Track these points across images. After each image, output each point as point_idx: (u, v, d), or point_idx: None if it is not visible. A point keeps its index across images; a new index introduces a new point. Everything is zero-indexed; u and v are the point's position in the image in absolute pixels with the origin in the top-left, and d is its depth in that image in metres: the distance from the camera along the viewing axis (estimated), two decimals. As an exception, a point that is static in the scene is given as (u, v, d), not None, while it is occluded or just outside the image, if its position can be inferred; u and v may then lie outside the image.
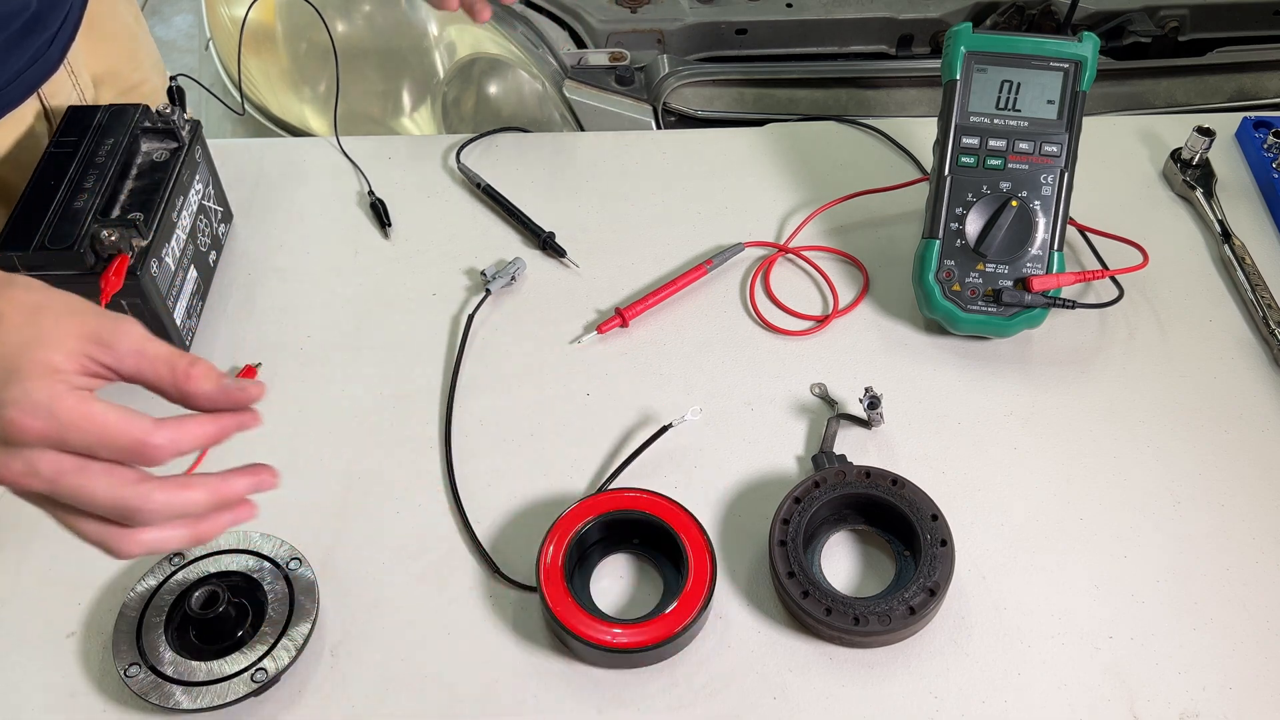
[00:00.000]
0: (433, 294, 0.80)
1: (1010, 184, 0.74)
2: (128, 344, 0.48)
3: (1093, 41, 0.74)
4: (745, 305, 0.79)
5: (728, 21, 1.17)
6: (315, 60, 1.22)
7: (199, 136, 0.78)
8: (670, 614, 0.59)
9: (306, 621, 0.60)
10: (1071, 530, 0.66)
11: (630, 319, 0.77)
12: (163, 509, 0.47)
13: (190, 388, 0.48)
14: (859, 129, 0.94)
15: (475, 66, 1.20)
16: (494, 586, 0.64)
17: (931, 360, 0.76)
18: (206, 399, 0.49)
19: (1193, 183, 0.86)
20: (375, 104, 1.22)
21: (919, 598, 0.59)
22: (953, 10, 1.19)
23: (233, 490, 0.50)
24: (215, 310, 0.79)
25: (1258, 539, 0.65)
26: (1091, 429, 0.71)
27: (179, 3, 2.82)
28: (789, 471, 0.69)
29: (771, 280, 0.81)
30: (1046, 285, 0.73)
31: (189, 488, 0.48)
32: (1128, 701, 0.58)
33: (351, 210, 0.87)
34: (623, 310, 0.77)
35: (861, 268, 0.81)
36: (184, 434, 0.48)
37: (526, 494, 0.68)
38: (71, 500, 0.47)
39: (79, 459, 0.46)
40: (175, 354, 0.48)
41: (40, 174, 0.71)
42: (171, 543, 0.49)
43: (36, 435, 0.45)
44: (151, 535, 0.48)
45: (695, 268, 0.80)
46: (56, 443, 0.45)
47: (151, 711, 0.58)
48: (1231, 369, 0.75)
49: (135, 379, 0.49)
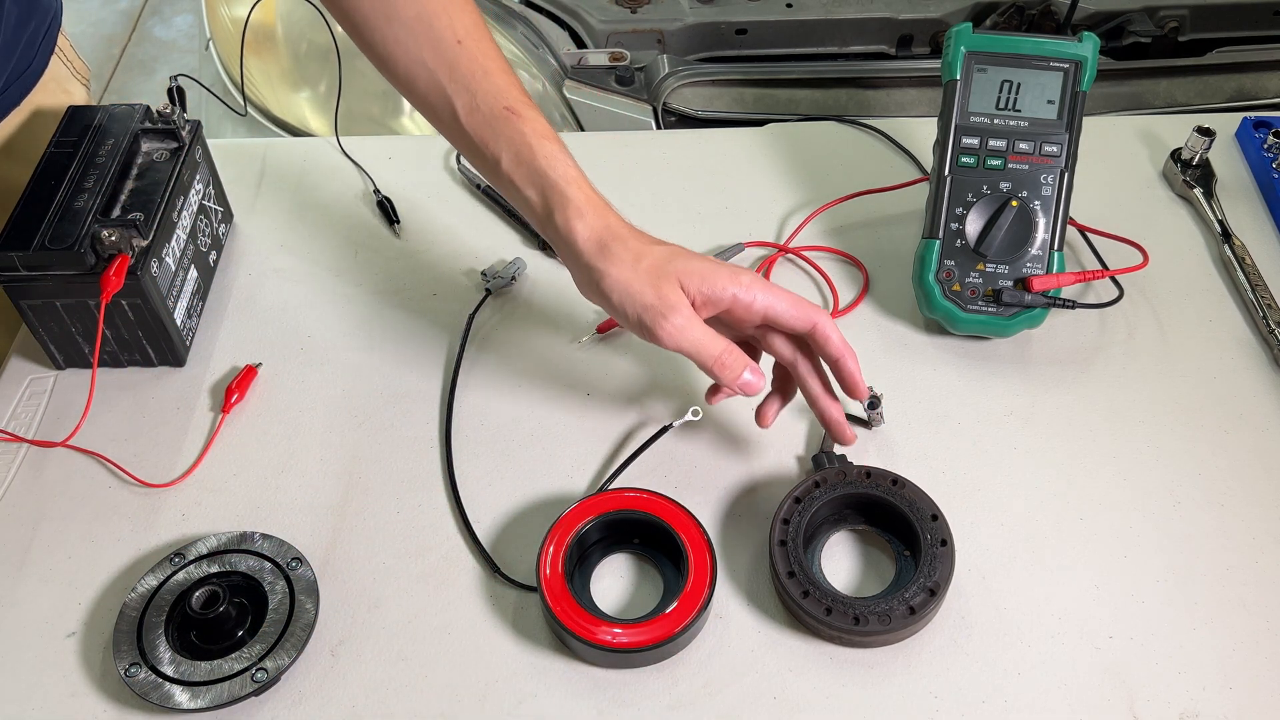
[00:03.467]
0: (433, 294, 0.80)
1: (1010, 184, 0.74)
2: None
3: (1093, 41, 0.74)
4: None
5: (728, 21, 1.17)
6: (315, 60, 1.22)
7: (199, 136, 0.78)
8: (670, 614, 0.59)
9: (306, 621, 0.60)
10: (1071, 530, 0.66)
11: None
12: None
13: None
14: (859, 129, 0.94)
15: (475, 66, 1.20)
16: (494, 586, 0.64)
17: (931, 360, 0.76)
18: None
19: (1193, 183, 0.86)
20: (375, 104, 1.22)
21: (919, 598, 0.59)
22: (953, 10, 1.19)
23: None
24: (215, 310, 0.79)
25: (1258, 539, 0.65)
26: (1091, 429, 0.71)
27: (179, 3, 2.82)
28: (789, 471, 0.69)
29: (772, 280, 0.80)
30: (1046, 285, 0.73)
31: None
32: (1128, 701, 0.58)
33: (352, 210, 0.87)
34: (623, 310, 0.77)
35: (861, 268, 0.81)
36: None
37: (526, 494, 0.68)
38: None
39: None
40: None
41: (40, 174, 0.71)
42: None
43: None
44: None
45: (695, 268, 0.80)
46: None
47: (151, 711, 0.58)
48: (1231, 369, 0.75)
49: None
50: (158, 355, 0.74)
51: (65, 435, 0.71)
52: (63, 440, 0.70)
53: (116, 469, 0.69)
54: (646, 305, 0.60)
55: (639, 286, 0.60)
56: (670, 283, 0.61)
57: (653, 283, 0.61)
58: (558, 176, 0.63)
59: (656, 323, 0.60)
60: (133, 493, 0.68)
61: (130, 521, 0.67)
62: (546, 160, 0.63)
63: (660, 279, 0.61)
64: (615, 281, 0.61)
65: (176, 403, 0.73)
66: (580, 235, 0.62)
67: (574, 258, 0.63)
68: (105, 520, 0.67)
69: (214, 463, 0.70)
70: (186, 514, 0.67)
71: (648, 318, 0.60)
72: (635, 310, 0.61)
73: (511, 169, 0.64)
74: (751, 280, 0.62)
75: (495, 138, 0.64)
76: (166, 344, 0.73)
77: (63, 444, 0.70)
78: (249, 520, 0.67)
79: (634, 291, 0.61)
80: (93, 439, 0.71)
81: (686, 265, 0.61)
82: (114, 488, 0.69)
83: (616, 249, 0.61)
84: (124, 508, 0.67)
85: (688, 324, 0.61)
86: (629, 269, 0.61)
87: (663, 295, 0.60)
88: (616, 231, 0.62)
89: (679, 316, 0.60)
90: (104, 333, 0.71)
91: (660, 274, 0.61)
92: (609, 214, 0.63)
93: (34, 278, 0.67)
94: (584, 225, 0.62)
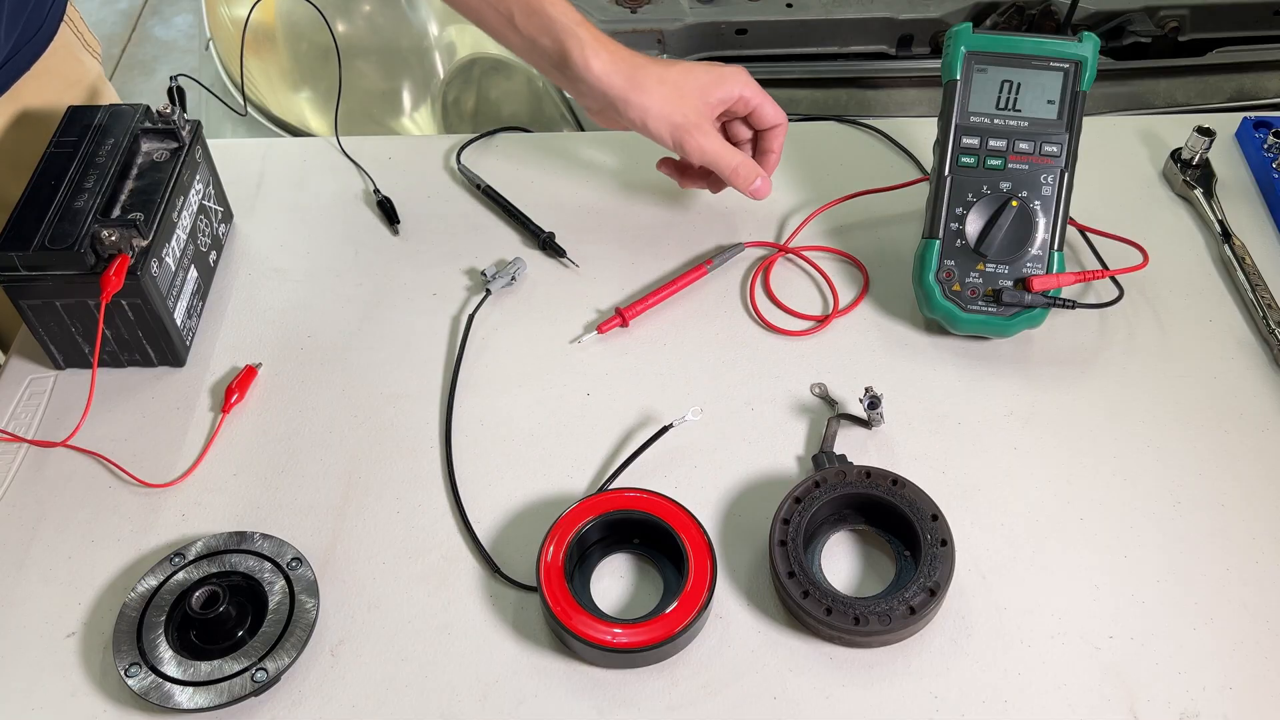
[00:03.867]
0: (433, 294, 0.80)
1: (1010, 184, 0.74)
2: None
3: (1093, 41, 0.74)
4: (745, 305, 0.79)
5: (728, 21, 1.17)
6: (315, 60, 1.22)
7: (199, 136, 0.78)
8: (670, 614, 0.59)
9: (306, 621, 0.60)
10: (1071, 530, 0.66)
11: (630, 319, 0.77)
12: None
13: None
14: (859, 129, 0.94)
15: (475, 66, 1.21)
16: (494, 586, 0.64)
17: (931, 360, 0.76)
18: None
19: (1193, 183, 0.86)
20: (375, 104, 1.23)
21: (919, 598, 0.59)
22: (953, 10, 1.19)
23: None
24: (215, 310, 0.79)
25: (1258, 539, 0.65)
26: (1091, 429, 0.71)
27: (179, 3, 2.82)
28: (789, 471, 0.69)
29: (772, 281, 0.81)
30: (1046, 285, 0.73)
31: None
32: (1128, 701, 0.58)
33: (352, 210, 0.87)
34: (623, 310, 0.77)
35: (862, 268, 0.81)
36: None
37: (526, 494, 0.68)
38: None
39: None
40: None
41: (40, 174, 0.71)
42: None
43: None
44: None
45: (695, 268, 0.80)
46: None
47: (151, 711, 0.58)
48: (1231, 369, 0.75)
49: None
50: (158, 355, 0.74)
51: (65, 435, 0.71)
52: (63, 440, 0.70)
53: (116, 469, 0.69)
54: (676, 124, 0.74)
55: (669, 108, 0.74)
56: (692, 101, 0.74)
57: (678, 103, 0.74)
58: (568, 20, 0.73)
59: (685, 138, 0.74)
60: (133, 493, 0.68)
61: (130, 521, 0.67)
62: (553, 7, 0.73)
63: (684, 99, 0.74)
64: (647, 107, 0.74)
65: (176, 403, 0.73)
66: (597, 69, 0.73)
67: (594, 92, 0.74)
68: (105, 520, 0.67)
69: (214, 463, 0.70)
70: (186, 514, 0.67)
71: (679, 134, 0.74)
72: (668, 128, 0.74)
73: (524, 22, 0.74)
74: (746, 80, 0.77)
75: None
76: (166, 344, 0.73)
77: (63, 444, 0.70)
78: (249, 520, 0.67)
79: (666, 113, 0.74)
80: (93, 439, 0.71)
81: (700, 80, 0.75)
82: (114, 488, 0.69)
83: (643, 79, 0.73)
84: (124, 508, 0.67)
85: (709, 138, 0.75)
86: (657, 95, 0.73)
87: (687, 114, 0.74)
88: (636, 61, 0.74)
89: (701, 133, 0.74)
90: (104, 333, 0.71)
91: (683, 94, 0.74)
92: (618, 48, 0.74)
93: (34, 278, 0.67)
94: (599, 61, 0.73)
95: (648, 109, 0.74)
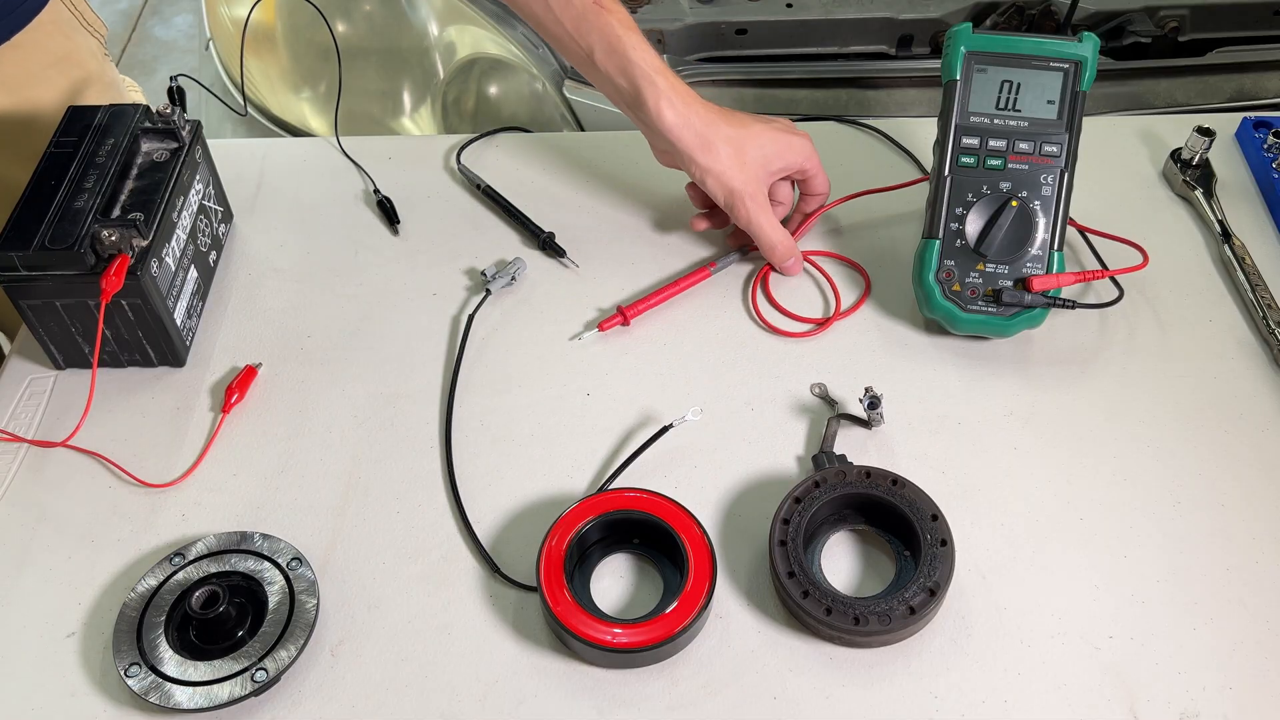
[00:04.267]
0: (433, 294, 0.80)
1: (1010, 184, 0.74)
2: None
3: (1093, 41, 0.74)
4: (746, 306, 0.79)
5: (728, 21, 1.17)
6: (315, 60, 1.22)
7: (199, 136, 0.78)
8: (670, 614, 0.59)
9: (306, 621, 0.60)
10: (1071, 530, 0.66)
11: (631, 317, 0.77)
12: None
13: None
14: (859, 129, 0.94)
15: (475, 66, 1.20)
16: (494, 586, 0.64)
17: (931, 360, 0.76)
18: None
19: (1193, 183, 0.86)
20: (375, 104, 1.23)
21: (919, 598, 0.59)
22: (953, 10, 1.19)
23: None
24: (215, 310, 0.79)
25: (1258, 539, 0.65)
26: (1091, 429, 0.71)
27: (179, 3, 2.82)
28: (789, 471, 0.69)
29: (772, 284, 0.81)
30: (1046, 285, 0.73)
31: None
32: (1128, 701, 0.58)
33: (352, 210, 0.87)
34: (624, 308, 0.77)
35: (863, 273, 0.81)
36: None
37: (526, 494, 0.68)
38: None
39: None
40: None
41: (40, 174, 0.71)
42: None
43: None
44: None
45: (699, 270, 0.80)
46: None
47: (151, 711, 0.58)
48: (1231, 369, 0.75)
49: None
50: (158, 355, 0.74)
51: (65, 435, 0.71)
52: (63, 440, 0.70)
53: (116, 469, 0.69)
54: (733, 190, 0.76)
55: (730, 174, 0.76)
56: (753, 169, 0.77)
57: (739, 170, 0.76)
58: (647, 66, 0.75)
59: (738, 204, 0.77)
60: (133, 493, 0.68)
61: (130, 521, 0.67)
62: (634, 50, 0.75)
63: (745, 166, 0.76)
64: (708, 168, 0.76)
65: (176, 403, 0.73)
66: (670, 121, 0.75)
67: (666, 142, 0.77)
68: (105, 520, 0.67)
69: (214, 463, 0.70)
70: (186, 514, 0.67)
71: (732, 200, 0.77)
72: (724, 193, 0.77)
73: (604, 60, 0.76)
74: (810, 153, 0.80)
75: (587, 30, 0.75)
76: (166, 344, 0.73)
77: (63, 444, 0.70)
78: (249, 520, 0.67)
79: (726, 179, 0.76)
80: (93, 439, 0.71)
81: (766, 150, 0.77)
82: (114, 488, 0.69)
83: (712, 139, 0.75)
84: (124, 508, 0.67)
85: (759, 211, 0.77)
86: (721, 158, 0.76)
87: (746, 181, 0.76)
88: (709, 118, 0.76)
89: (754, 203, 0.77)
90: (104, 333, 0.71)
91: (745, 161, 0.76)
92: (693, 100, 0.76)
93: (34, 278, 0.67)
94: (673, 113, 0.75)
95: (709, 170, 0.76)
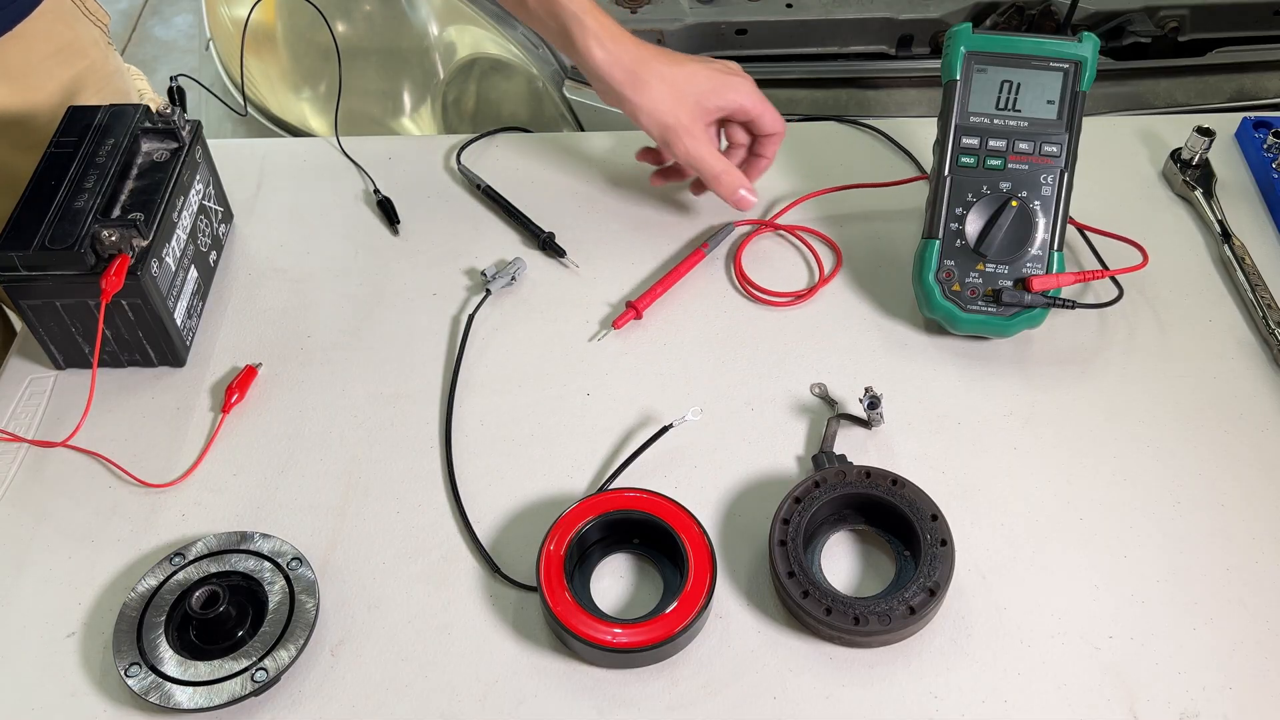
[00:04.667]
0: (433, 294, 0.80)
1: (1010, 184, 0.74)
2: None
3: (1093, 41, 0.74)
4: (736, 286, 0.79)
5: (728, 21, 1.17)
6: (315, 60, 1.22)
7: (199, 136, 0.78)
8: (670, 614, 0.59)
9: (306, 621, 0.60)
10: (1071, 530, 0.66)
11: (643, 309, 0.77)
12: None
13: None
14: (859, 129, 0.94)
15: (475, 66, 1.20)
16: (494, 586, 0.64)
17: (931, 360, 0.76)
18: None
19: (1193, 183, 0.86)
20: (375, 104, 1.23)
21: (919, 598, 0.59)
22: (953, 10, 1.19)
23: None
24: (215, 310, 0.79)
25: (1258, 539, 0.65)
26: (1091, 429, 0.71)
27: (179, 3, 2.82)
28: (789, 471, 0.69)
29: (756, 257, 0.82)
30: (1046, 285, 0.73)
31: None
32: (1128, 701, 0.58)
33: (352, 210, 0.87)
34: (634, 302, 0.77)
35: (834, 246, 0.83)
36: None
37: (526, 494, 0.68)
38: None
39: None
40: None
41: (40, 174, 0.71)
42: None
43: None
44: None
45: (694, 251, 0.81)
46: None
47: (151, 711, 0.58)
48: (1231, 369, 0.75)
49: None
50: (158, 355, 0.74)
51: (65, 435, 0.71)
52: (63, 440, 0.70)
53: (116, 469, 0.69)
54: (667, 125, 0.76)
55: (663, 109, 0.75)
56: (688, 104, 0.76)
57: (674, 105, 0.75)
58: (575, 6, 0.75)
59: (673, 139, 0.76)
60: (133, 493, 0.68)
61: (130, 521, 0.67)
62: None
63: (680, 101, 0.75)
64: (640, 104, 0.75)
65: (176, 403, 0.73)
66: (598, 59, 0.75)
67: (598, 80, 0.76)
68: (105, 520, 0.67)
69: (214, 463, 0.70)
70: (186, 514, 0.67)
71: (668, 135, 0.76)
72: (658, 128, 0.76)
73: (535, 2, 0.75)
74: (750, 91, 0.78)
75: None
76: (166, 344, 0.73)
77: (63, 444, 0.70)
78: (249, 520, 0.67)
79: (659, 114, 0.75)
80: (93, 439, 0.71)
81: (701, 87, 0.76)
82: (114, 488, 0.69)
83: (644, 75, 0.75)
84: (124, 508, 0.67)
85: (695, 142, 0.76)
86: (653, 94, 0.75)
87: (680, 116, 0.75)
88: (641, 55, 0.75)
89: (690, 136, 0.76)
90: (104, 333, 0.71)
91: (680, 96, 0.75)
92: (623, 38, 0.76)
93: (34, 278, 0.67)
94: (601, 52, 0.75)
95: (640, 106, 0.75)
